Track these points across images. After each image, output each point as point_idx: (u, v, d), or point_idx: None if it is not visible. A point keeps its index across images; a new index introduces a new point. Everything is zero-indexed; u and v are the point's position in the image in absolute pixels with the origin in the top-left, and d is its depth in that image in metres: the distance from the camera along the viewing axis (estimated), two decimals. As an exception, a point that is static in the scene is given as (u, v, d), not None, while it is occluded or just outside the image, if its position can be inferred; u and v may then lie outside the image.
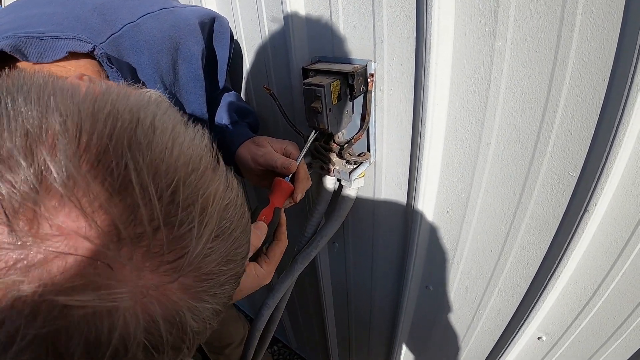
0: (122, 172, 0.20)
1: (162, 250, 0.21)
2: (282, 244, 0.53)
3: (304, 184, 0.59)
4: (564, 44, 0.42)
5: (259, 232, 0.49)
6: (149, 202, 0.20)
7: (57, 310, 0.19)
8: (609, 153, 0.44)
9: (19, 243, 0.18)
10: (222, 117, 0.68)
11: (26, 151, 0.18)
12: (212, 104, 0.67)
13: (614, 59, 0.40)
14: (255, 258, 0.51)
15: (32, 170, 0.18)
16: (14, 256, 0.18)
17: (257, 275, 0.50)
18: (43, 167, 0.18)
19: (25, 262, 0.18)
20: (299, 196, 0.58)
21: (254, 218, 0.52)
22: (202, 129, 0.26)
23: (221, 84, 0.65)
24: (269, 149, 0.60)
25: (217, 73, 0.63)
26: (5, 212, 0.18)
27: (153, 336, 0.21)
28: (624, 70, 0.40)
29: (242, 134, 0.65)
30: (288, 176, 0.57)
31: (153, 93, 0.26)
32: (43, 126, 0.19)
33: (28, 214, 0.18)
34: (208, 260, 0.23)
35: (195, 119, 0.53)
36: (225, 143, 0.64)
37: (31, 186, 0.18)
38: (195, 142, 0.25)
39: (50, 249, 0.18)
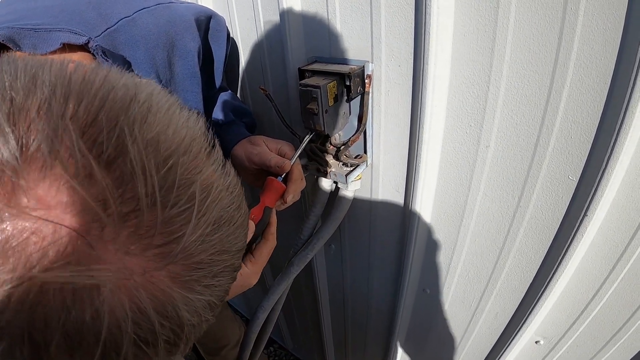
0: (113, 144, 0.19)
1: (150, 232, 0.19)
2: (269, 244, 0.52)
3: (297, 184, 0.58)
4: (565, 46, 0.42)
5: None
6: (140, 179, 0.19)
7: (33, 291, 0.17)
8: (609, 157, 0.43)
9: None
10: (218, 116, 0.67)
11: (8, 118, 0.17)
12: (209, 103, 0.65)
13: (616, 61, 0.40)
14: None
15: (12, 138, 0.17)
16: None
17: (242, 274, 0.49)
18: (25, 136, 0.17)
19: None
20: (290, 197, 0.57)
21: None
22: (198, 114, 0.25)
23: (217, 82, 0.64)
24: (264, 148, 0.59)
25: (213, 72, 0.62)
26: None
27: (141, 328, 0.20)
28: (625, 73, 0.39)
29: (238, 133, 0.64)
30: (281, 176, 0.56)
31: (145, 79, 0.25)
32: (29, 93, 0.18)
33: (6, 185, 0.17)
34: (201, 248, 0.22)
35: None
36: (221, 142, 0.63)
37: (11, 155, 0.17)
38: (190, 124, 0.24)
39: (27, 223, 0.17)
